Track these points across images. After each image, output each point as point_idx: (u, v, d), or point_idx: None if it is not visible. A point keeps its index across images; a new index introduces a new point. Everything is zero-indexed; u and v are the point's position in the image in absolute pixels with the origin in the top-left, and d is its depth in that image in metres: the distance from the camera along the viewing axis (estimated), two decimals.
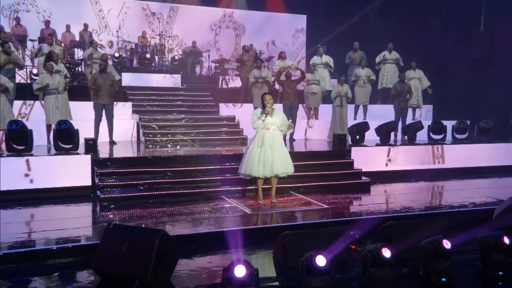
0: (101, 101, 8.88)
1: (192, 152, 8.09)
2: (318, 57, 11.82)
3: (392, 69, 12.07)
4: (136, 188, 6.72)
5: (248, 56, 11.94)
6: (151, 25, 15.33)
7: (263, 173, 6.20)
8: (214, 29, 16.15)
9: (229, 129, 9.90)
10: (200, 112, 10.80)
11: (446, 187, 8.44)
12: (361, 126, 8.86)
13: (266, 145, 6.14)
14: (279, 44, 16.34)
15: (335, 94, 10.28)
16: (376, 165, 8.68)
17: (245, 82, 11.76)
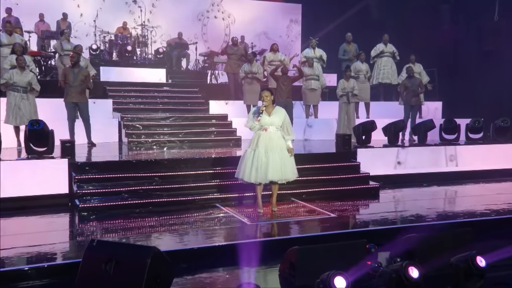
0: (70, 99, 8.55)
1: (181, 154, 7.90)
2: (311, 50, 11.61)
3: (389, 63, 11.90)
4: (119, 196, 6.49)
5: (234, 49, 11.75)
6: (132, 14, 15.07)
7: (255, 178, 5.97)
8: (201, 19, 15.97)
9: (220, 129, 9.75)
10: (188, 110, 10.64)
11: (462, 192, 8.31)
12: (367, 125, 8.68)
13: (261, 147, 5.93)
14: (272, 36, 16.18)
15: (341, 91, 10.08)
16: (384, 168, 8.51)
17: (231, 77, 11.63)
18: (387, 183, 8.16)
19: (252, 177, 5.97)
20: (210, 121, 9.98)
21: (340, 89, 10.10)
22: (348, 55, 12.05)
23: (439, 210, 6.96)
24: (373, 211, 6.83)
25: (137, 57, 13.81)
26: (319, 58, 11.49)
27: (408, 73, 10.49)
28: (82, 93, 8.65)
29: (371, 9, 14.27)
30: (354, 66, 11.27)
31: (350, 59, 12.00)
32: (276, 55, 11.17)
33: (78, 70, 8.66)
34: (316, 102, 10.92)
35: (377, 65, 11.95)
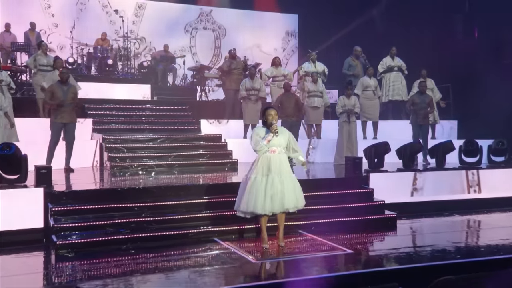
0: (61, 119, 8.24)
1: (171, 181, 7.71)
2: (310, 64, 11.53)
3: (399, 78, 11.93)
4: (103, 231, 6.17)
5: (236, 63, 11.63)
6: (113, 25, 15.05)
7: (270, 209, 5.78)
8: (189, 31, 16.00)
9: (214, 151, 9.60)
10: (177, 130, 10.48)
11: (489, 222, 8.11)
12: (380, 147, 8.50)
13: (274, 172, 5.75)
14: (266, 49, 16.35)
15: (341, 108, 10.00)
16: (400, 195, 8.35)
17: (231, 94, 11.50)
18: (403, 212, 7.99)
19: (267, 208, 5.75)
20: (202, 142, 9.80)
21: (340, 107, 10.02)
22: (353, 70, 11.96)
23: (467, 244, 6.77)
24: (393, 245, 6.53)
25: (119, 71, 13.73)
26: (320, 73, 11.39)
27: (420, 89, 10.38)
28: (72, 112, 8.40)
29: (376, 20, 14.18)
30: (361, 82, 11.20)
31: (355, 75, 11.93)
32: (278, 69, 11.14)
33: (68, 88, 8.35)
34: (319, 121, 10.83)
35: (386, 81, 11.91)
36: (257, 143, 5.76)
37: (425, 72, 11.28)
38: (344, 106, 9.99)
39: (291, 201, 5.83)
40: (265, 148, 5.76)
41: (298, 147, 6.01)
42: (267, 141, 5.73)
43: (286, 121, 9.49)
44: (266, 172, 5.75)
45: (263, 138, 5.76)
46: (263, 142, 5.72)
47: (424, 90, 10.33)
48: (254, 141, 5.80)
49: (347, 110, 9.95)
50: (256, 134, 5.84)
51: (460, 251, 6.14)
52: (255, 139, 5.80)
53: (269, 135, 5.74)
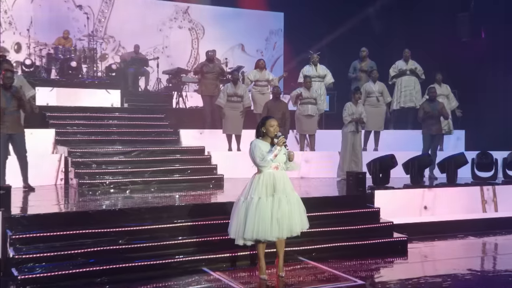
0: (5, 130, 7.92)
1: (150, 201, 7.51)
2: (311, 67, 11.56)
3: (412, 82, 11.99)
4: (73, 262, 5.88)
5: (209, 66, 11.55)
6: (77, 22, 14.80)
7: (277, 234, 5.63)
8: (163, 30, 15.88)
9: (197, 166, 9.53)
10: (154, 142, 10.33)
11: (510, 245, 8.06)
12: (386, 161, 8.43)
13: (280, 191, 5.64)
14: (249, 50, 16.42)
15: (349, 116, 9.83)
16: (408, 214, 8.29)
17: (207, 100, 11.45)
18: (412, 234, 7.83)
19: (274, 233, 5.59)
20: (183, 156, 9.66)
21: (348, 114, 9.85)
22: (356, 73, 11.96)
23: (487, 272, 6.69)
24: (408, 274, 6.39)
25: (84, 75, 13.48)
26: (322, 77, 11.39)
27: (429, 96, 10.36)
28: (17, 121, 8.10)
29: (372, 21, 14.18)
30: (364, 87, 11.17)
31: (358, 78, 11.94)
32: (262, 73, 11.12)
33: (12, 93, 7.99)
34: (313, 131, 10.76)
35: (397, 87, 11.94)
36: (263, 158, 5.59)
37: (440, 76, 11.30)
38: (352, 114, 9.80)
39: (298, 224, 5.72)
40: (270, 164, 5.62)
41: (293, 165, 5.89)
42: (274, 156, 5.59)
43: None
44: (271, 192, 5.61)
45: (269, 152, 5.60)
46: (270, 157, 5.57)
47: (434, 96, 10.32)
48: (259, 156, 5.60)
49: (356, 119, 9.79)
50: (257, 148, 5.66)
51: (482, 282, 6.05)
52: (259, 153, 5.62)
53: (275, 149, 5.59)
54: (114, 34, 15.03)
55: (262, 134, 5.71)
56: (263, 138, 5.71)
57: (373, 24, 14.32)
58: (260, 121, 5.83)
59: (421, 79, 11.97)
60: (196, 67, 11.89)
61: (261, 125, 5.74)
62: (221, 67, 12.09)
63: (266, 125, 5.67)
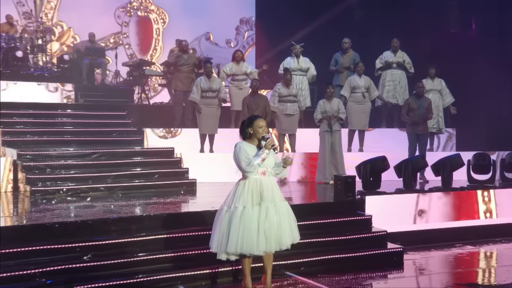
0: None
1: (116, 210, 7.26)
2: (293, 59, 11.49)
3: (398, 76, 11.98)
4: (31, 283, 5.63)
5: (185, 58, 11.36)
6: (22, 6, 14.34)
7: (265, 248, 5.47)
8: (121, 17, 15.58)
9: (165, 169, 9.31)
10: (115, 143, 10.10)
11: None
12: (378, 163, 8.36)
13: (267, 200, 5.49)
14: (218, 40, 16.31)
15: (320, 114, 9.84)
16: (401, 222, 8.29)
17: (179, 97, 11.31)
18: (406, 243, 7.83)
19: (261, 247, 5.43)
20: (149, 158, 9.46)
21: (319, 112, 9.87)
22: (338, 66, 11.89)
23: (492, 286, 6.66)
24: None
25: (32, 67, 13.08)
26: (304, 70, 11.31)
27: (417, 91, 10.36)
28: None
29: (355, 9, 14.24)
30: (349, 81, 11.12)
31: (339, 71, 11.88)
32: (240, 66, 11.04)
33: None
34: (293, 130, 10.70)
35: (382, 80, 11.93)
36: (250, 163, 5.44)
37: (433, 71, 11.25)
38: (325, 112, 9.79)
39: (287, 236, 5.56)
40: (257, 169, 5.48)
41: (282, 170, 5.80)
42: (262, 160, 5.43)
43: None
44: (257, 201, 5.46)
45: (255, 156, 5.44)
46: (257, 161, 5.42)
47: (421, 92, 10.32)
48: (244, 160, 5.46)
49: (328, 117, 9.75)
50: (243, 152, 5.51)
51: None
52: (244, 157, 5.47)
53: (263, 153, 5.43)
54: (66, 20, 14.64)
55: (248, 136, 5.56)
56: (249, 140, 5.56)
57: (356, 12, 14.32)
58: (247, 121, 5.66)
59: (409, 73, 11.95)
60: (169, 59, 11.68)
61: (248, 126, 5.58)
62: (198, 58, 11.94)
63: (254, 125, 5.52)
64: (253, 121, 5.56)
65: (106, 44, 14.57)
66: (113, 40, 15.11)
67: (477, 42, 12.56)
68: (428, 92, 11.02)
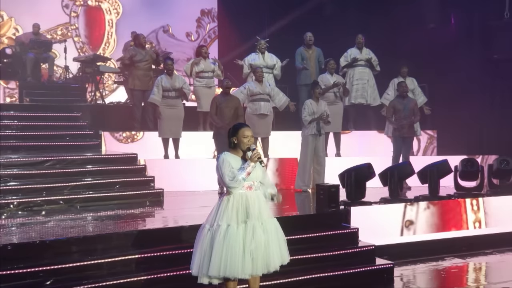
0: None
1: (76, 226, 6.95)
2: (258, 56, 11.40)
3: (366, 75, 11.99)
4: None
5: (142, 54, 11.11)
6: None
7: (251, 271, 5.24)
8: (69, 7, 15.24)
9: (128, 179, 8.99)
10: (70, 148, 9.73)
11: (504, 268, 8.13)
12: (362, 171, 8.28)
13: (254, 217, 5.26)
14: (176, 33, 16.14)
15: (309, 116, 9.67)
16: (388, 234, 8.29)
17: (137, 96, 11.10)
18: (394, 257, 7.79)
19: (247, 269, 5.19)
20: (110, 165, 9.12)
21: (308, 114, 9.69)
22: (307, 64, 11.76)
23: None
24: None
25: None
26: (270, 68, 11.21)
27: (400, 92, 10.40)
28: None
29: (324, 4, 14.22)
30: (320, 79, 11.07)
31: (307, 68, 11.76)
32: (206, 62, 10.87)
33: None
34: (266, 133, 10.59)
35: (349, 79, 11.89)
36: (234, 178, 5.21)
37: (405, 69, 11.37)
38: (313, 114, 9.63)
39: (276, 257, 5.33)
40: (242, 183, 5.26)
41: (268, 179, 5.58)
42: (247, 174, 5.21)
43: (221, 134, 9.14)
44: (243, 218, 5.23)
45: (240, 169, 5.22)
46: (242, 176, 5.20)
47: (404, 93, 10.35)
48: (228, 175, 5.23)
49: (318, 118, 9.62)
50: (226, 164, 5.27)
51: None
52: (227, 171, 5.24)
53: (248, 165, 5.21)
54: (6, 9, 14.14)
55: (232, 146, 5.34)
56: (233, 150, 5.34)
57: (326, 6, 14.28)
58: (231, 130, 5.42)
59: (375, 72, 11.99)
60: (125, 55, 11.35)
61: (232, 135, 5.35)
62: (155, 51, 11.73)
63: (239, 135, 5.29)
64: (237, 130, 5.33)
65: (53, 36, 14.21)
66: (60, 32, 14.75)
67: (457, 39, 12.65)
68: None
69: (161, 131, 10.13)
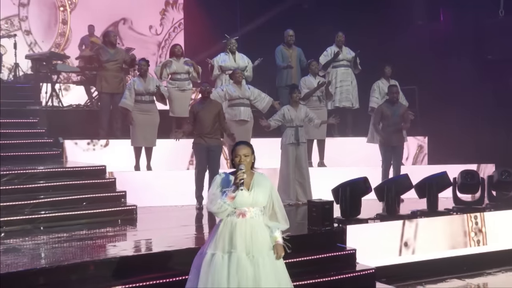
0: None
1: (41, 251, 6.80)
2: (228, 56, 11.25)
3: (349, 76, 11.99)
4: None
5: (111, 53, 10.86)
6: None
7: None
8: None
9: (96, 194, 8.74)
10: (29, 159, 9.39)
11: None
12: (358, 186, 8.24)
13: (240, 249, 5.07)
14: (138, 27, 16.03)
15: (288, 122, 9.68)
16: (385, 255, 8.20)
17: (107, 99, 10.82)
18: (392, 280, 7.85)
19: None
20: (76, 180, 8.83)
21: (283, 119, 9.73)
22: (287, 62, 11.68)
23: None
24: None
25: None
26: (242, 69, 10.99)
27: (390, 97, 10.40)
28: None
29: None
30: (304, 82, 11.00)
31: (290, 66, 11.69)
32: (180, 62, 10.70)
33: None
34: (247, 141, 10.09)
35: (332, 81, 11.78)
36: (216, 204, 5.05)
37: (389, 69, 11.37)
38: (291, 121, 9.63)
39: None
40: (229, 209, 5.07)
41: (283, 213, 5.31)
42: (230, 199, 5.02)
43: (201, 145, 9.19)
44: (227, 248, 5.07)
45: (223, 192, 5.05)
46: (223, 200, 5.01)
47: (395, 98, 10.34)
48: (210, 197, 5.13)
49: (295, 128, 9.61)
50: (214, 186, 5.15)
51: None
52: (212, 193, 5.12)
53: (230, 189, 5.05)
54: None
55: (233, 165, 5.18)
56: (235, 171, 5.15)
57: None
58: (231, 148, 5.33)
59: (357, 70, 11.98)
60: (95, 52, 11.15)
61: (232, 153, 5.23)
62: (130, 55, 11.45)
63: (233, 154, 5.19)
64: (234, 148, 5.24)
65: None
66: (7, 25, 14.40)
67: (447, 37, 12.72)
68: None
69: (134, 139, 9.95)
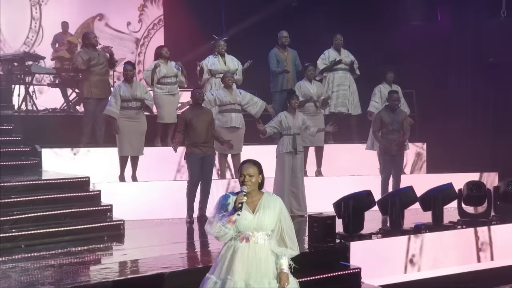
0: None
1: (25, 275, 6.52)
2: (217, 59, 11.11)
3: (347, 80, 11.96)
4: None
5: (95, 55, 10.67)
6: None
7: None
8: None
9: (80, 208, 8.56)
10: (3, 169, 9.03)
11: None
12: (361, 199, 8.22)
13: (237, 276, 4.95)
14: (115, 24, 15.98)
15: (285, 129, 9.62)
16: (390, 272, 8.22)
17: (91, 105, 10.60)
18: None
19: None
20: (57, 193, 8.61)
21: (280, 127, 9.69)
22: (281, 67, 11.58)
23: None
24: None
25: None
26: (232, 73, 10.90)
27: (390, 103, 10.41)
28: None
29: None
30: (299, 89, 10.92)
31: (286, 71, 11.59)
32: (168, 66, 10.59)
33: None
34: (238, 149, 10.36)
35: (328, 85, 11.80)
36: (212, 225, 4.97)
37: (391, 75, 11.39)
38: (289, 129, 9.57)
39: None
40: (230, 233, 4.96)
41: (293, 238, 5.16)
42: (231, 223, 4.90)
43: (196, 155, 9.14)
44: (224, 274, 4.97)
45: (222, 216, 4.94)
46: (221, 223, 4.90)
47: (396, 105, 10.35)
48: (209, 220, 5.03)
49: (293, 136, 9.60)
50: (219, 206, 5.04)
51: None
52: (213, 216, 5.03)
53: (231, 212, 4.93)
54: None
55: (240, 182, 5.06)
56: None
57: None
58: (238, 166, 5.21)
59: (355, 75, 11.97)
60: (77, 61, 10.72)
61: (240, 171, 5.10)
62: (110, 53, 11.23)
63: (239, 172, 5.09)
64: (240, 166, 5.13)
65: None
66: None
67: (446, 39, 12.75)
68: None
69: (120, 148, 9.83)
